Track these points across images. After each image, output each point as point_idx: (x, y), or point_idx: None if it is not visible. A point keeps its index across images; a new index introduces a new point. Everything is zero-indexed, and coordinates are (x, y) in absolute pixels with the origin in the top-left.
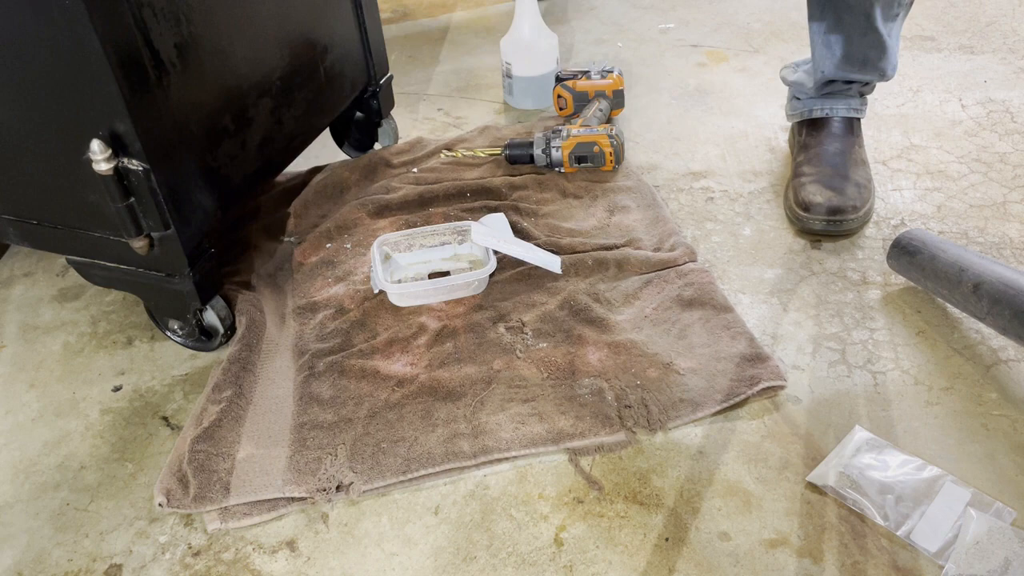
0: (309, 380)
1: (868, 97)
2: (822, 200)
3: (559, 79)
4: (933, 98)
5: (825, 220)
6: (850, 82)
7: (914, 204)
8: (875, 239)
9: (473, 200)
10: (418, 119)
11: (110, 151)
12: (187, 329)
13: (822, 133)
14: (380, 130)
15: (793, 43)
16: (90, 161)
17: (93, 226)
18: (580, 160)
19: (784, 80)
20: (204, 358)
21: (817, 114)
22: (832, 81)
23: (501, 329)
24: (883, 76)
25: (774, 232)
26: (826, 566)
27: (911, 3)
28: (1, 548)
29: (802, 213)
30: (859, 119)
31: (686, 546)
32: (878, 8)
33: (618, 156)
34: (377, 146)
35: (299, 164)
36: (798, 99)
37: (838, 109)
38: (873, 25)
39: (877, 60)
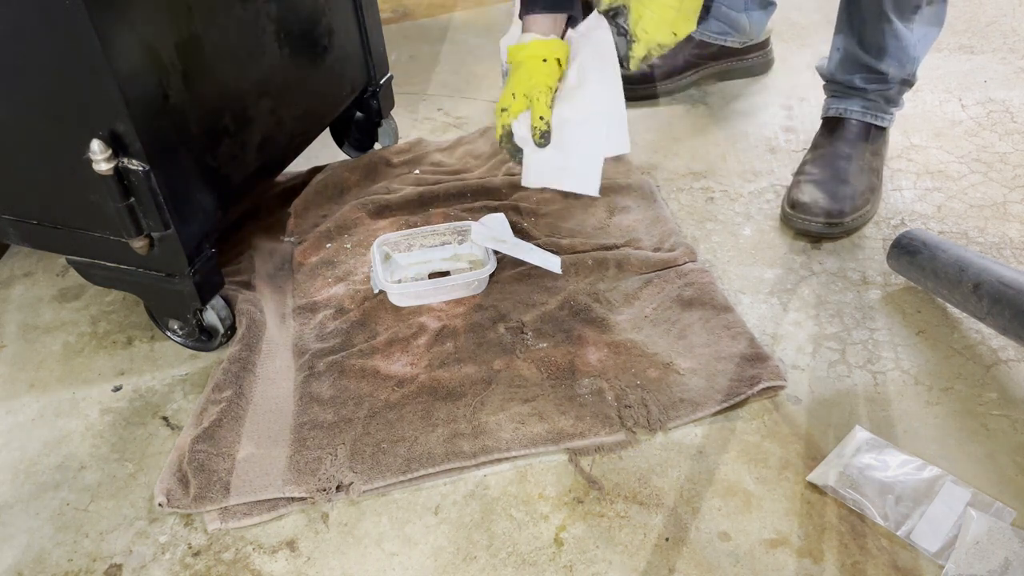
0: (309, 380)
1: (896, 110)
2: (808, 200)
3: None
4: (933, 98)
5: (806, 219)
6: (865, 68)
7: (914, 204)
8: (875, 239)
9: (473, 200)
10: (418, 119)
11: (110, 151)
12: (187, 329)
13: (834, 134)
14: (380, 130)
15: (792, 43)
16: (90, 161)
17: (93, 226)
18: None
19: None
20: (204, 358)
21: (832, 113)
22: (845, 77)
23: (501, 329)
24: (901, 72)
25: (774, 232)
26: (826, 566)
27: (938, 1)
28: (1, 548)
29: (788, 210)
30: (880, 126)
31: (686, 546)
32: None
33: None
34: (377, 146)
35: (299, 164)
36: (825, 95)
37: (853, 111)
38: (888, 16)
39: (893, 51)
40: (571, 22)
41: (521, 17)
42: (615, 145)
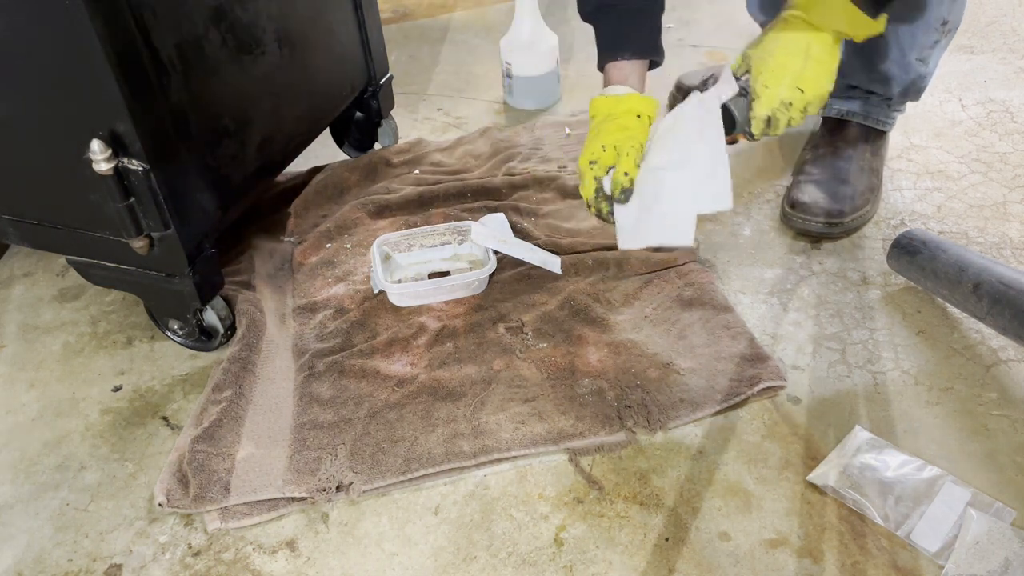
0: (309, 380)
1: (898, 115)
2: (808, 200)
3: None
4: (933, 98)
5: (806, 219)
6: (870, 92)
7: (914, 204)
8: (875, 239)
9: (473, 200)
10: (418, 119)
11: (110, 151)
12: (187, 329)
13: (835, 135)
14: (380, 130)
15: None
16: (90, 161)
17: (93, 226)
18: None
19: None
20: (204, 358)
21: (833, 113)
22: (853, 86)
23: (501, 329)
24: (907, 96)
25: (774, 232)
26: (826, 566)
27: (953, 29)
28: (1, 548)
29: (788, 209)
30: (880, 130)
31: (686, 546)
32: (905, 31)
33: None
34: (377, 146)
35: (299, 164)
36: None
37: (855, 113)
38: (903, 54)
39: (902, 81)
40: (652, 66)
41: (602, 68)
42: (715, 200)
